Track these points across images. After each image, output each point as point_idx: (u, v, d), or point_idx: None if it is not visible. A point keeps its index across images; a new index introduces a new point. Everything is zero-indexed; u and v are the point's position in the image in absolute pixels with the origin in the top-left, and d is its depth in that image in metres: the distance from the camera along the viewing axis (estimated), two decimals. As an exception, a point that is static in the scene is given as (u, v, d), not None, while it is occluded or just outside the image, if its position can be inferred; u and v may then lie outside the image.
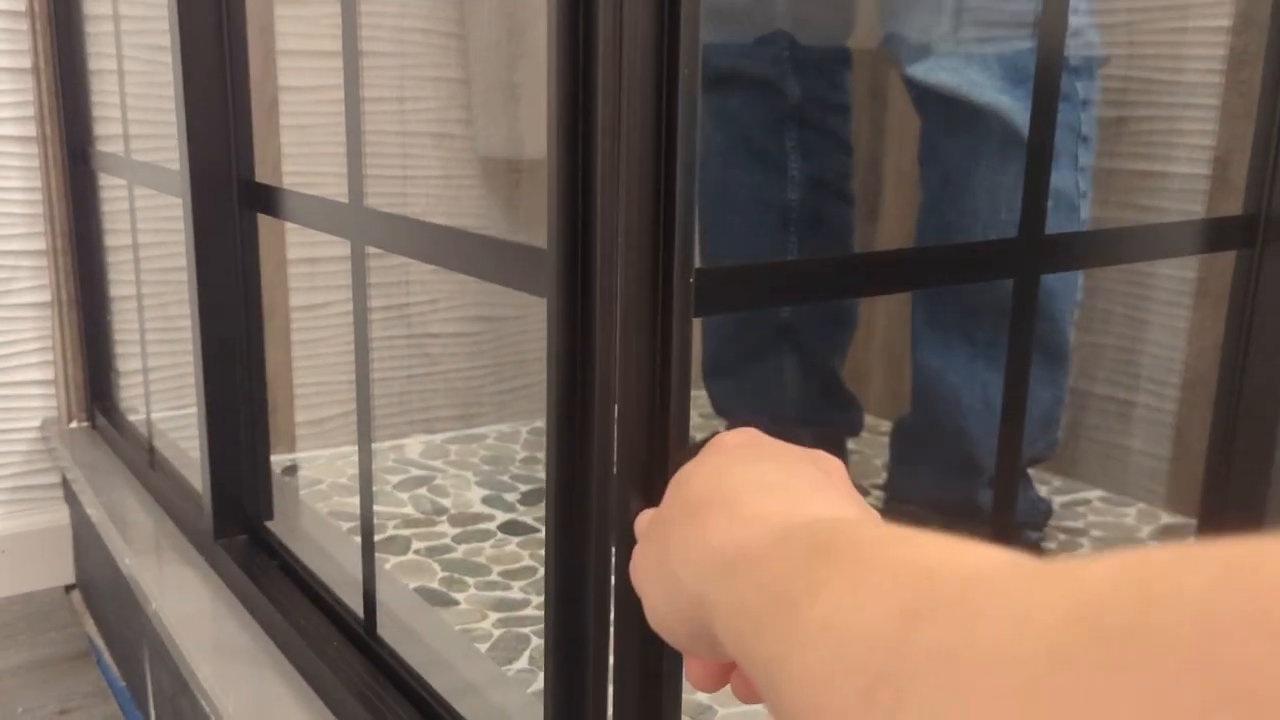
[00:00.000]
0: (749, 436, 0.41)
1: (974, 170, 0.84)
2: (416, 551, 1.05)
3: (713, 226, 1.07)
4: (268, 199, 0.77)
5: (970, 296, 0.88)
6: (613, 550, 0.45)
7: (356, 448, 0.70)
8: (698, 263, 0.43)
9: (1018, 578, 0.21)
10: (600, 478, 0.44)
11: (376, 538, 1.07)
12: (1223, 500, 0.74)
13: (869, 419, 1.22)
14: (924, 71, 0.83)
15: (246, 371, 0.84)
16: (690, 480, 0.38)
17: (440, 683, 0.66)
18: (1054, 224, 0.85)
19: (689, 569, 0.34)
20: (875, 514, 0.36)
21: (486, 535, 1.09)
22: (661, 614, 0.37)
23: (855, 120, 1.09)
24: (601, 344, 0.43)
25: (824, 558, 0.27)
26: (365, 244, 0.62)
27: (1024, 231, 0.54)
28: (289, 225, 1.21)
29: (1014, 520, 0.63)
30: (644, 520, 0.44)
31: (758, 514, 0.33)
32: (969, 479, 0.90)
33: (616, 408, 0.43)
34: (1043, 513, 0.98)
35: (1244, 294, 0.67)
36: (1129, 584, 0.18)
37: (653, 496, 0.45)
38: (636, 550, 0.41)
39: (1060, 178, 0.85)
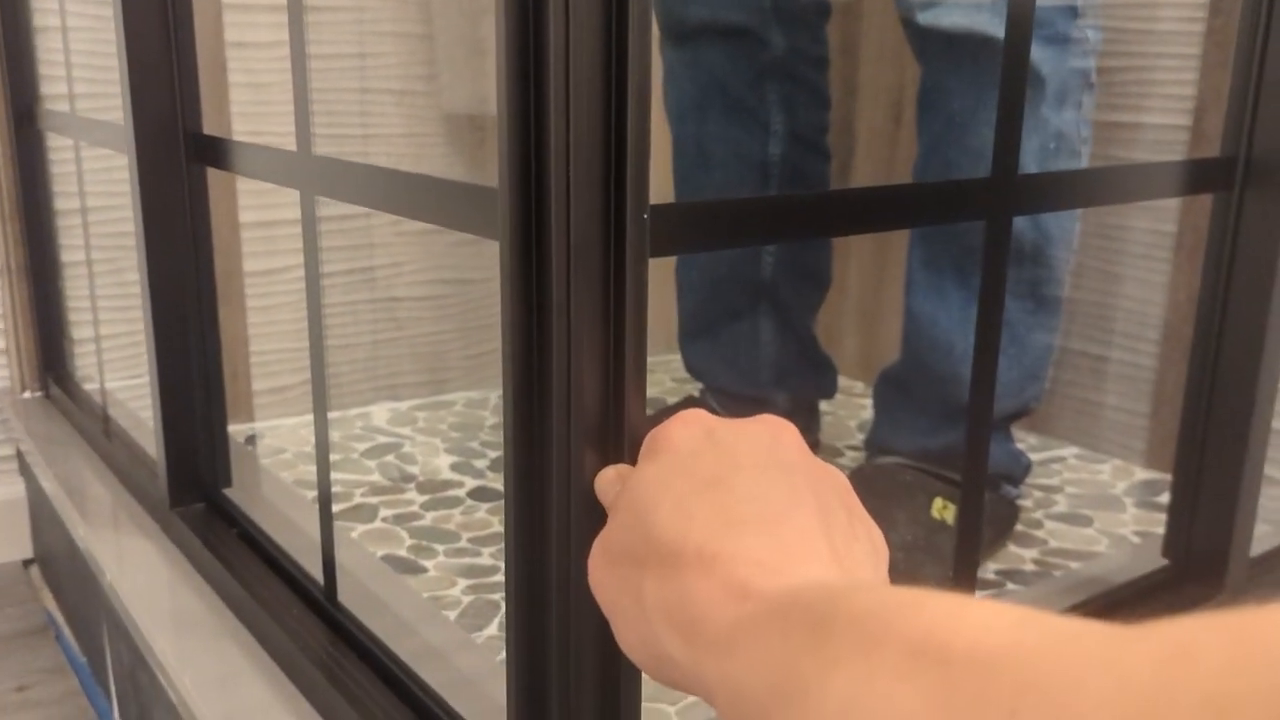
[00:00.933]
0: (698, 428, 0.40)
1: (981, 108, 0.82)
2: (384, 519, 1.03)
3: (690, 181, 1.05)
4: (216, 151, 0.74)
5: (966, 238, 0.87)
6: (572, 499, 0.43)
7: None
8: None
9: (1047, 669, 0.20)
10: (561, 423, 0.42)
11: (343, 506, 1.05)
12: (1199, 455, 0.73)
13: (841, 380, 1.20)
14: (935, 16, 0.82)
15: (200, 332, 0.81)
16: (651, 508, 0.36)
17: (404, 649, 0.64)
18: (1056, 167, 0.84)
19: (673, 636, 0.33)
20: (842, 519, 0.36)
21: (455, 502, 1.07)
22: (640, 656, 0.36)
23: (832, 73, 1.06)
24: (557, 285, 0.41)
25: (826, 634, 0.26)
26: (314, 193, 0.59)
27: (996, 171, 0.52)
28: (243, 189, 1.17)
29: (987, 466, 0.62)
30: (605, 483, 0.42)
31: (741, 580, 0.32)
32: (958, 427, 0.89)
33: (571, 348, 0.41)
34: (1024, 466, 0.97)
35: (1222, 239, 0.65)
36: (1182, 685, 0.17)
37: (607, 445, 0.43)
38: (597, 562, 0.39)
39: (1065, 121, 0.84)
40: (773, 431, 0.39)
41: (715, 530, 0.34)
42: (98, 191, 1.12)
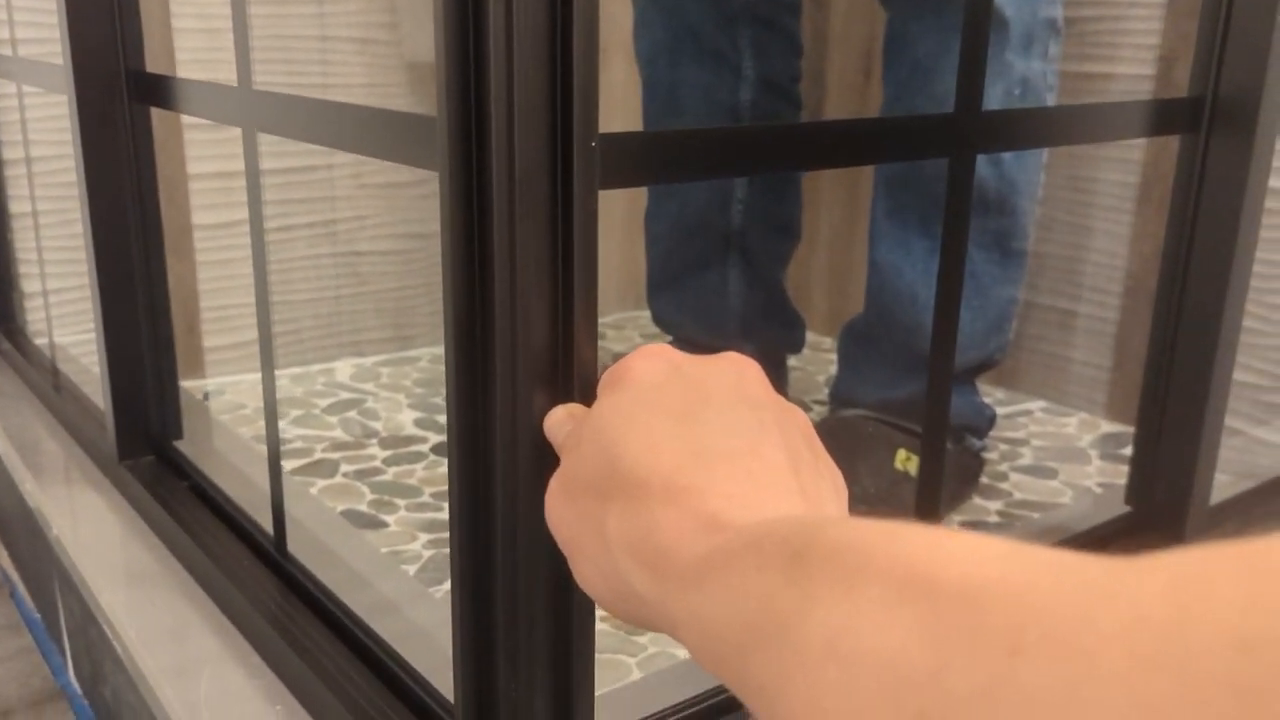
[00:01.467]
0: (662, 362, 0.38)
1: (946, 54, 0.80)
2: (345, 475, 1.01)
3: (659, 126, 1.03)
4: (158, 89, 0.71)
5: (931, 188, 0.85)
6: (519, 441, 0.41)
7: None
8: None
9: (1048, 602, 0.18)
10: (506, 362, 0.41)
11: (303, 462, 1.03)
12: (1162, 405, 0.73)
13: (809, 336, 1.19)
14: None
15: (147, 281, 0.79)
16: (615, 440, 0.35)
17: (358, 602, 0.62)
18: None
19: (638, 569, 0.32)
20: (808, 456, 0.35)
21: (418, 457, 1.05)
22: (601, 592, 0.35)
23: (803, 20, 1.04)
24: (500, 217, 0.39)
25: (804, 568, 0.24)
26: (255, 129, 0.57)
27: (960, 107, 0.51)
28: (199, 139, 1.14)
29: (949, 416, 0.61)
30: (555, 423, 0.41)
31: (711, 512, 0.30)
32: (922, 379, 0.88)
33: (516, 285, 0.39)
34: (988, 418, 0.96)
35: (1188, 182, 0.64)
36: (1201, 622, 0.16)
37: (556, 384, 0.41)
38: (556, 497, 0.38)
39: (1031, 68, 0.82)
40: (738, 369, 0.38)
41: (684, 462, 0.33)
42: (46, 140, 1.09)
